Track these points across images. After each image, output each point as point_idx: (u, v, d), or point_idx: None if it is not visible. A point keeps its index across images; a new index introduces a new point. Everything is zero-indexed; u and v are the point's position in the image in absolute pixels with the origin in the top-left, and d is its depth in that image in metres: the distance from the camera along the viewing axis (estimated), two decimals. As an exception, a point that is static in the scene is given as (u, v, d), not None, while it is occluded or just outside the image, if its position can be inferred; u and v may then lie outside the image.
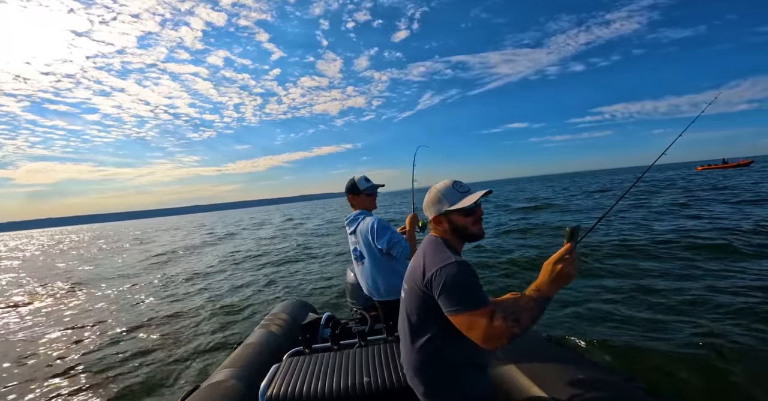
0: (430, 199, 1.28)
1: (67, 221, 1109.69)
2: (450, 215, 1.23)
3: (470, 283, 1.07)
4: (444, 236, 1.27)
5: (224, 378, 1.81)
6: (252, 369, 1.92)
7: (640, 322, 3.23)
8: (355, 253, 2.22)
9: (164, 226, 48.24)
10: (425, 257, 1.20)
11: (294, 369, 1.66)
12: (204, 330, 4.65)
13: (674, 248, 5.93)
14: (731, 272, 4.46)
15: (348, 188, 2.23)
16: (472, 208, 1.21)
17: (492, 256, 7.10)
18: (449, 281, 1.07)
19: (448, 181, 1.28)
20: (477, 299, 1.05)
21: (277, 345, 2.26)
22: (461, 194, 1.23)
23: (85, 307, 6.38)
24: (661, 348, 2.68)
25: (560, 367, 1.46)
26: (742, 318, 3.04)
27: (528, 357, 1.57)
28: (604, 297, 4.00)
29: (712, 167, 41.01)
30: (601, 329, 3.17)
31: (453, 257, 1.12)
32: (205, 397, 1.65)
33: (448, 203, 1.23)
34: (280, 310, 2.86)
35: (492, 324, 1.00)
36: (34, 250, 24.60)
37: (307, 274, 7.58)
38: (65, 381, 3.45)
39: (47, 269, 12.72)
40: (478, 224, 1.25)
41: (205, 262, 10.68)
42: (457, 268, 1.08)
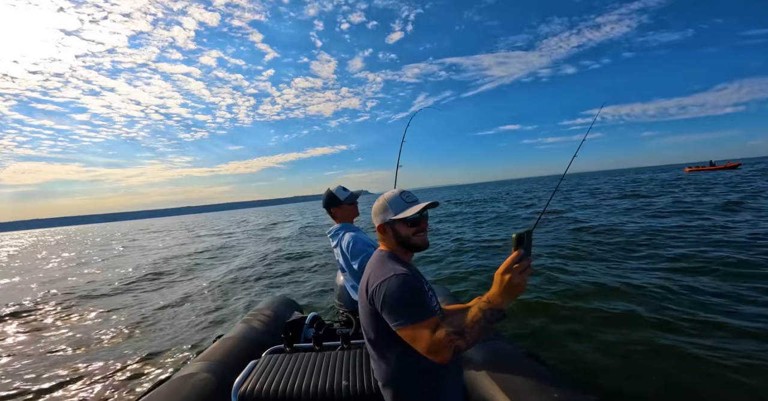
0: (376, 207, 1.30)
1: (55, 222, 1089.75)
2: (394, 225, 1.24)
3: (409, 296, 1.07)
4: (390, 247, 1.28)
5: (197, 370, 1.77)
6: (228, 363, 1.88)
7: (620, 342, 3.08)
8: (338, 264, 2.22)
9: (151, 228, 47.46)
10: (369, 273, 1.22)
11: (272, 367, 1.62)
12: (182, 323, 4.55)
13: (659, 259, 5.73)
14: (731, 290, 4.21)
15: (327, 201, 2.16)
16: (416, 218, 1.22)
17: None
18: (388, 295, 1.07)
19: (396, 190, 1.29)
20: (417, 313, 1.05)
21: (257, 341, 2.21)
22: (407, 204, 1.24)
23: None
24: (638, 371, 2.62)
25: (535, 383, 1.46)
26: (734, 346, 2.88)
27: (505, 371, 1.56)
28: (590, 315, 3.77)
29: (700, 168, 41.96)
30: (581, 347, 3.05)
31: (392, 270, 1.12)
32: (174, 389, 1.61)
33: (392, 212, 1.24)
34: (265, 306, 2.81)
35: (434, 336, 1.00)
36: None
37: (297, 273, 7.49)
38: (35, 375, 3.34)
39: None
40: (420, 234, 1.25)
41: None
42: (396, 282, 1.08)
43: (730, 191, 14.60)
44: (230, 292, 6.24)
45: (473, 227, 11.98)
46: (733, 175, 26.82)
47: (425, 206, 1.23)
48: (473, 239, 9.34)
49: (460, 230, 11.41)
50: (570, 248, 6.73)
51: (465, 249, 8.00)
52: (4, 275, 10.96)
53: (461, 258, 7.17)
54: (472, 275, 5.83)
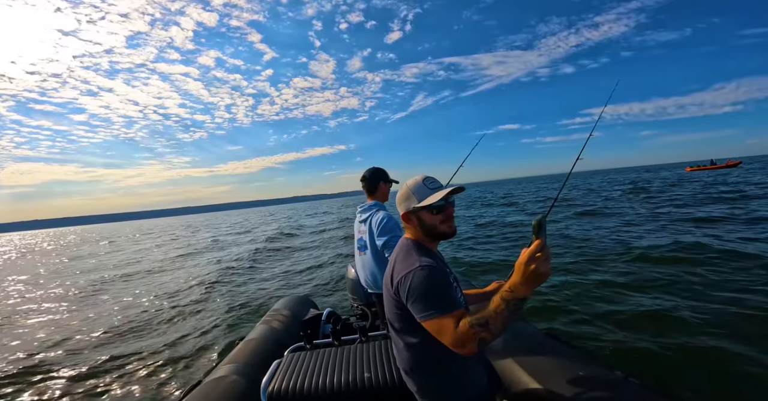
0: (400, 195, 1.26)
1: (54, 223, 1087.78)
2: (419, 213, 1.21)
3: (434, 289, 1.06)
4: (415, 236, 1.25)
5: (226, 373, 1.81)
6: (254, 364, 1.91)
7: (640, 319, 3.24)
8: (360, 242, 2.22)
9: (145, 228, 47.42)
10: (394, 263, 1.20)
11: (295, 365, 1.66)
12: (205, 326, 4.58)
13: (678, 249, 5.82)
14: (743, 274, 4.35)
15: (377, 175, 2.22)
16: (441, 205, 1.18)
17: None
18: (414, 287, 1.06)
19: (420, 177, 1.24)
20: (442, 305, 1.03)
21: (278, 341, 2.25)
22: (430, 191, 1.19)
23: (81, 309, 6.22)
24: (662, 346, 2.70)
25: (560, 363, 1.47)
26: (751, 318, 3.04)
27: (528, 353, 1.57)
28: (605, 294, 4.02)
29: (701, 167, 41.97)
30: (601, 325, 3.18)
31: (418, 261, 1.10)
32: (208, 392, 1.64)
33: (416, 199, 1.19)
34: (281, 306, 2.85)
35: (459, 329, 0.99)
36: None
37: (309, 270, 7.54)
38: (64, 382, 3.37)
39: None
40: (447, 222, 1.21)
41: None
42: (421, 274, 1.07)
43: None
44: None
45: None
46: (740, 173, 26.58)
47: (450, 192, 1.18)
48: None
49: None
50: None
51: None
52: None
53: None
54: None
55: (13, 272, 12.48)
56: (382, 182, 2.22)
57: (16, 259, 18.34)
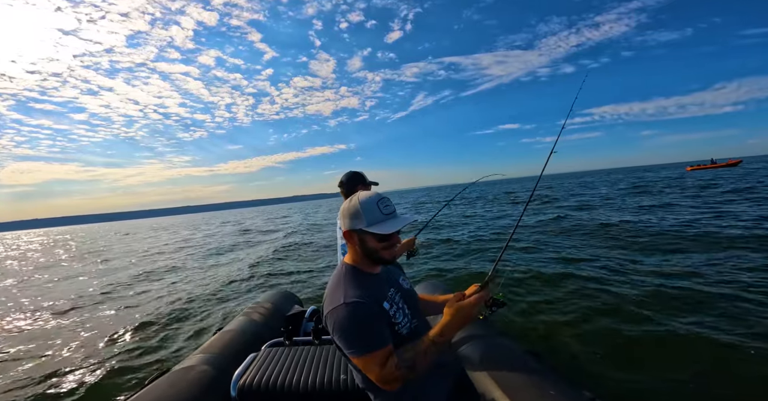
0: (347, 209, 1.16)
1: (54, 222, 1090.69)
2: (363, 235, 1.13)
3: (357, 328, 1.03)
4: (354, 259, 1.20)
5: (196, 362, 1.75)
6: (227, 356, 1.86)
7: (622, 339, 3.02)
8: (343, 248, 2.19)
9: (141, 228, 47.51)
10: (326, 293, 1.17)
11: (271, 360, 1.63)
12: (182, 316, 4.54)
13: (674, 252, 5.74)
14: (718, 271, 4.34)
15: (354, 179, 2.16)
16: (389, 234, 1.12)
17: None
18: (336, 326, 1.04)
19: (372, 194, 1.16)
20: (364, 345, 1.02)
21: (257, 334, 2.19)
22: (383, 217, 1.12)
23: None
24: (639, 371, 2.57)
25: (533, 381, 1.46)
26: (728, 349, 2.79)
27: (504, 368, 1.55)
28: (589, 313, 3.72)
29: (702, 167, 42.08)
30: (580, 345, 3.00)
31: (343, 297, 1.06)
32: (174, 381, 1.59)
33: (364, 221, 1.11)
34: (264, 300, 2.79)
35: (384, 369, 1.01)
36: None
37: (295, 267, 7.48)
38: (33, 371, 3.30)
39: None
40: (390, 249, 1.15)
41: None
42: (345, 312, 1.04)
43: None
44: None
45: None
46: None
47: (403, 225, 1.12)
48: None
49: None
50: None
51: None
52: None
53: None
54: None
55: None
56: (360, 185, 2.16)
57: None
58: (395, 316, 1.13)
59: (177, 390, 1.50)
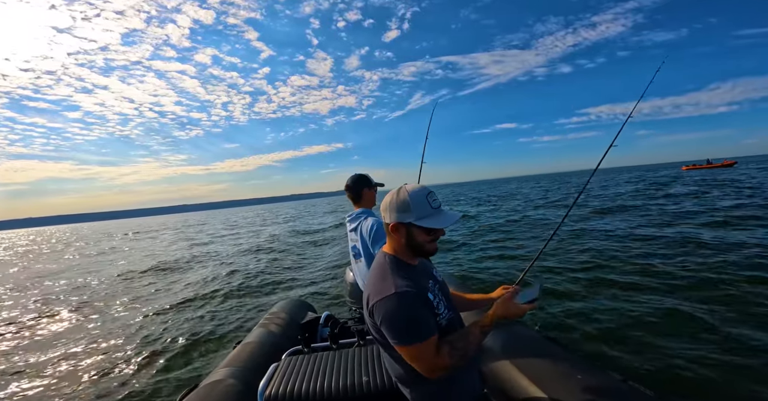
0: (395, 202, 1.14)
1: (48, 221, 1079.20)
2: (412, 228, 1.13)
3: (408, 317, 1.03)
4: (395, 250, 1.19)
5: (223, 376, 1.78)
6: (251, 367, 1.89)
7: (639, 322, 3.23)
8: (354, 250, 2.21)
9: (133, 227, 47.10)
10: (370, 283, 1.16)
11: (293, 368, 1.65)
12: (202, 329, 4.53)
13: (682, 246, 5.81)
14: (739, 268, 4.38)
15: (360, 182, 2.18)
16: (439, 228, 1.13)
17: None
18: (386, 315, 1.04)
19: (421, 187, 1.15)
20: (415, 335, 1.03)
21: (276, 344, 2.23)
22: (433, 211, 1.12)
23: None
24: (660, 348, 2.68)
25: (558, 367, 1.46)
26: (751, 318, 3.03)
27: (527, 356, 1.56)
28: (605, 297, 4.00)
29: (697, 167, 42.30)
30: (599, 328, 3.16)
31: (393, 287, 1.06)
32: (204, 396, 1.62)
33: (414, 214, 1.10)
34: (279, 309, 2.82)
35: (435, 358, 1.02)
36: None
37: (307, 273, 7.48)
38: (57, 383, 3.31)
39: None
40: (434, 242, 1.17)
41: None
42: (395, 302, 1.03)
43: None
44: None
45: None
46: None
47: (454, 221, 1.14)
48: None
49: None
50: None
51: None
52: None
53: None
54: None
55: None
56: (366, 188, 2.19)
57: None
58: (438, 307, 1.15)
59: None
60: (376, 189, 2.24)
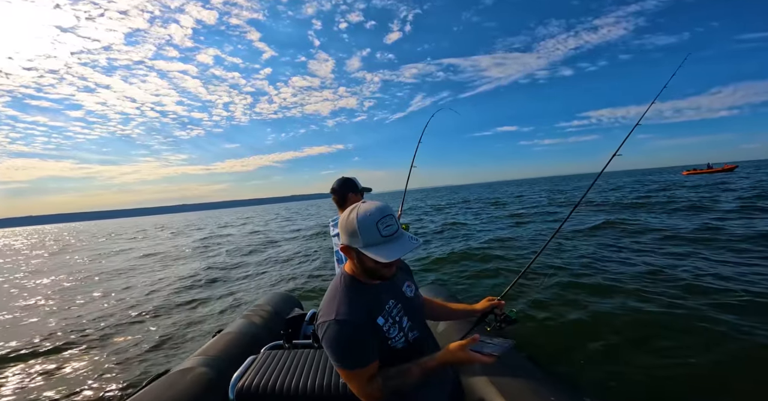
0: (344, 224, 1.07)
1: (48, 219, 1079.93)
2: (360, 254, 1.06)
3: (344, 345, 1.04)
4: (352, 270, 1.15)
5: (195, 364, 1.75)
6: (226, 358, 1.86)
7: (623, 347, 3.00)
8: (337, 255, 2.18)
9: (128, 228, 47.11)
10: (323, 300, 1.16)
11: (270, 363, 1.62)
12: (181, 318, 4.50)
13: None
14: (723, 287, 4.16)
15: (345, 186, 2.09)
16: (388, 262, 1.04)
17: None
18: (324, 339, 1.06)
19: (374, 210, 1.03)
20: (348, 362, 1.04)
21: (256, 337, 2.19)
22: (383, 239, 1.02)
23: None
24: (639, 368, 2.58)
25: (533, 387, 1.46)
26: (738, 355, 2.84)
27: (504, 375, 1.56)
28: (591, 321, 3.73)
29: (698, 171, 42.05)
30: (582, 352, 3.00)
31: (335, 312, 1.06)
32: (172, 383, 1.59)
33: (361, 241, 1.02)
34: (265, 302, 2.78)
35: (366, 387, 1.04)
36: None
37: (295, 270, 7.44)
38: (25, 369, 3.27)
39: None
40: (390, 267, 1.08)
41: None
42: (334, 329, 1.03)
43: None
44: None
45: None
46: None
47: (403, 254, 1.03)
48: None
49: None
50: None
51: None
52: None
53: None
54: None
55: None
56: (351, 193, 2.10)
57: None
58: (389, 331, 1.11)
59: (175, 392, 1.50)
60: (362, 194, 2.17)
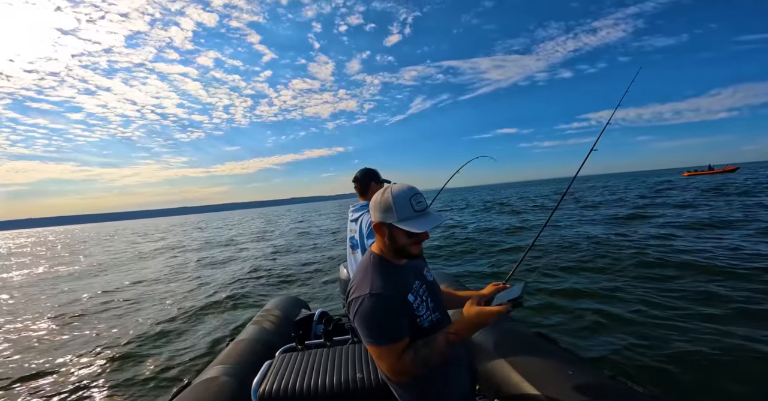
0: (379, 202, 1.14)
1: (49, 222, 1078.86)
2: (393, 229, 1.12)
3: (378, 319, 1.05)
4: (381, 249, 1.20)
5: (216, 374, 1.77)
6: (244, 365, 1.88)
7: (631, 321, 3.23)
8: (352, 241, 2.23)
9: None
10: (353, 279, 1.18)
11: (287, 366, 1.64)
12: (195, 326, 4.52)
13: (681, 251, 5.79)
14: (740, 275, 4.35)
15: (368, 176, 2.23)
16: (420, 233, 1.10)
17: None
18: (358, 314, 1.06)
19: (406, 188, 1.13)
20: (382, 337, 1.04)
21: (269, 342, 2.21)
22: (415, 214, 1.09)
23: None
24: (652, 348, 2.68)
25: (550, 364, 1.46)
26: (741, 319, 3.03)
27: (519, 354, 1.57)
28: (600, 296, 4.00)
29: (699, 172, 41.93)
30: (593, 327, 3.15)
31: (368, 287, 1.08)
32: (197, 394, 1.61)
33: (395, 216, 1.09)
34: (272, 306, 2.81)
35: (398, 362, 1.03)
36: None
37: (300, 270, 7.50)
38: (45, 383, 3.28)
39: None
40: (418, 244, 1.15)
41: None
42: (368, 303, 1.05)
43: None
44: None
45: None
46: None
47: (436, 225, 1.09)
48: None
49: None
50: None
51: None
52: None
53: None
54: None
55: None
56: (374, 182, 2.23)
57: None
58: (418, 309, 1.14)
59: None
60: (383, 184, 2.27)
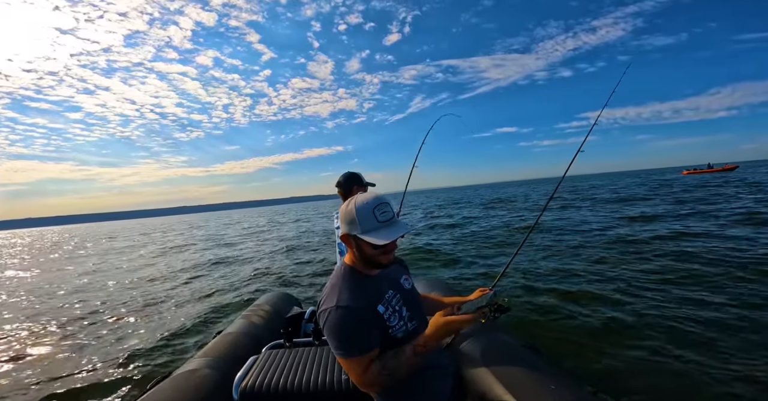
0: (344, 214, 1.14)
1: (48, 222, 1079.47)
2: (358, 241, 1.12)
3: (347, 332, 1.06)
4: (352, 260, 1.20)
5: (198, 366, 1.75)
6: (228, 359, 1.86)
7: (622, 332, 3.10)
8: (340, 247, 2.23)
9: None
10: (324, 290, 1.20)
11: (272, 362, 1.64)
12: (181, 318, 4.50)
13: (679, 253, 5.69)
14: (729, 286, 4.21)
15: (351, 180, 2.21)
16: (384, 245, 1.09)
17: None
18: (326, 327, 1.09)
19: (371, 199, 1.11)
20: (351, 349, 1.06)
21: (257, 337, 2.19)
22: (379, 225, 1.09)
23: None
24: (639, 365, 2.61)
25: (534, 376, 1.46)
26: (727, 332, 2.93)
27: (505, 364, 1.56)
28: (590, 308, 3.80)
29: (698, 171, 41.88)
30: (581, 340, 3.05)
31: (335, 299, 1.09)
32: (176, 385, 1.59)
33: (359, 228, 1.08)
34: (263, 302, 2.78)
35: (365, 373, 1.05)
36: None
37: (294, 267, 7.48)
38: (18, 371, 3.26)
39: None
40: (386, 254, 1.14)
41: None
42: (336, 316, 1.06)
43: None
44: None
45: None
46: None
47: (397, 237, 1.09)
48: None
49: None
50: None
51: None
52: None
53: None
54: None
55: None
56: (356, 186, 2.21)
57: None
58: (389, 319, 1.14)
59: (180, 394, 1.50)
60: (366, 188, 2.24)
